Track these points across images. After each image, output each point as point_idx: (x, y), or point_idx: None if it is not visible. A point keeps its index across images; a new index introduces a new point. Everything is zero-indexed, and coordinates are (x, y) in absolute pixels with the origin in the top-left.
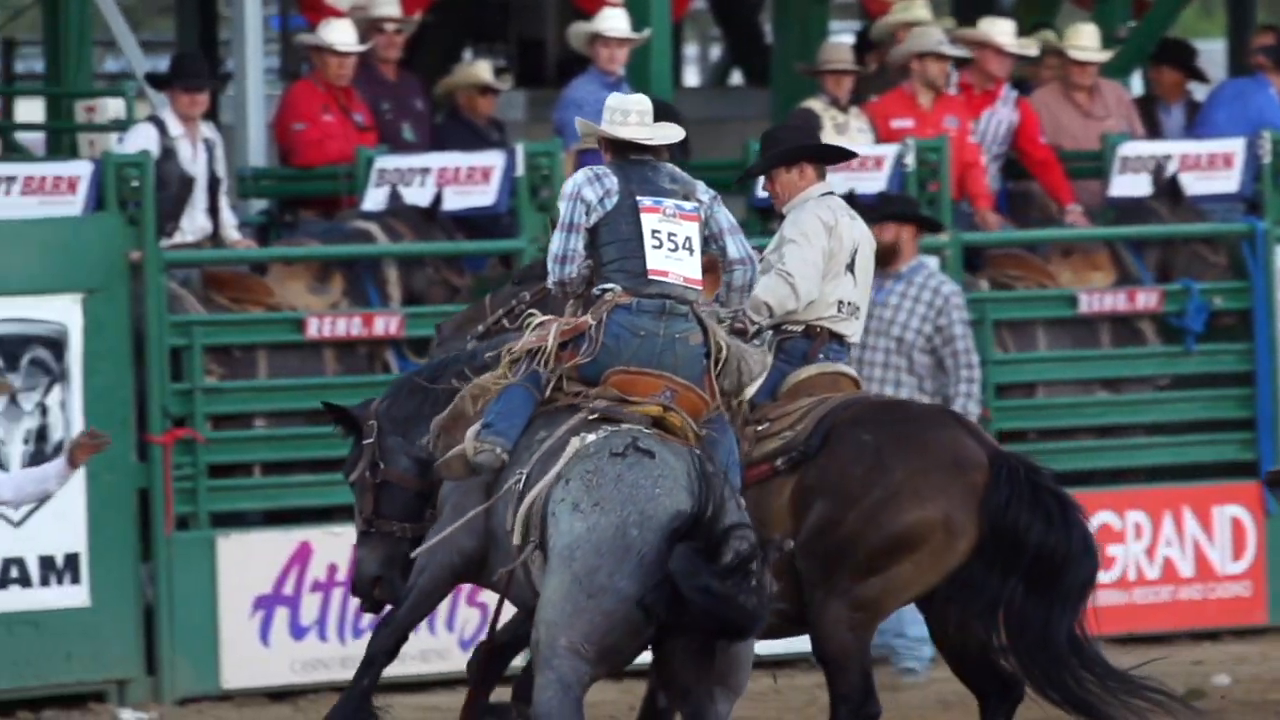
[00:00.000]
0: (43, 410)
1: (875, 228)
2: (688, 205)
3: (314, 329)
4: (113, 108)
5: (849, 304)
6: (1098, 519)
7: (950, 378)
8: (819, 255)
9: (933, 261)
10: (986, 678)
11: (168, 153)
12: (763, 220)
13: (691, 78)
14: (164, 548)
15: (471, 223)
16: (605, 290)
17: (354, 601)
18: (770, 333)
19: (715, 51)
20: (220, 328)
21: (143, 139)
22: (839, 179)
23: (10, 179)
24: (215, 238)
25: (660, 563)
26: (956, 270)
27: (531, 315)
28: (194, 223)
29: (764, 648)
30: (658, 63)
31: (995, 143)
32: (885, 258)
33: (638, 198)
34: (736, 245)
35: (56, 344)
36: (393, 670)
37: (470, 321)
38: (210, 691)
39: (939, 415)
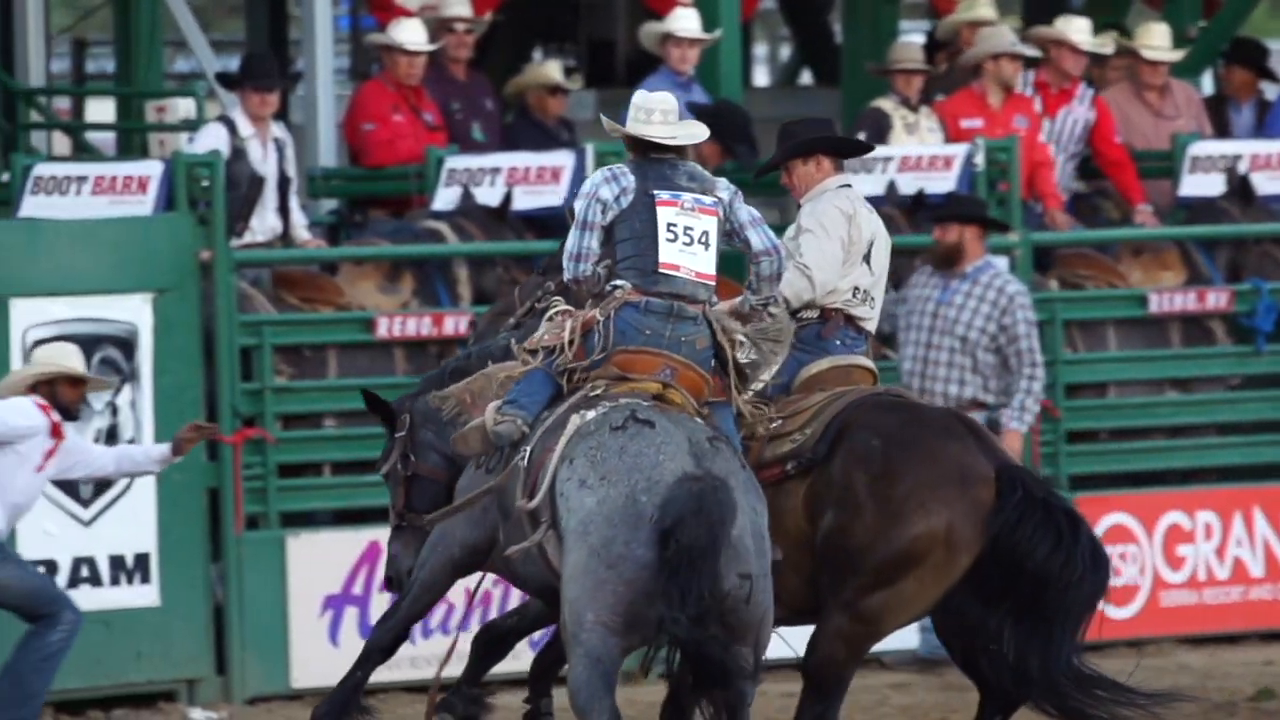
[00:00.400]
0: (113, 410)
1: (939, 228)
2: (707, 200)
3: (384, 329)
4: (183, 108)
5: (864, 291)
6: (1168, 519)
7: (1014, 376)
8: (837, 245)
9: (1001, 262)
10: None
11: (238, 153)
12: None
13: (761, 78)
14: (234, 547)
15: (541, 222)
16: (616, 287)
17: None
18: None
19: (785, 51)
20: (290, 327)
21: (213, 139)
22: (908, 179)
23: (81, 179)
24: (285, 237)
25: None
26: (1026, 270)
27: (556, 301)
28: (264, 222)
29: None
30: (727, 62)
31: (1072, 141)
32: (950, 258)
33: (654, 192)
34: (760, 237)
35: (127, 343)
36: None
37: (502, 315)
38: (280, 691)
39: (949, 422)
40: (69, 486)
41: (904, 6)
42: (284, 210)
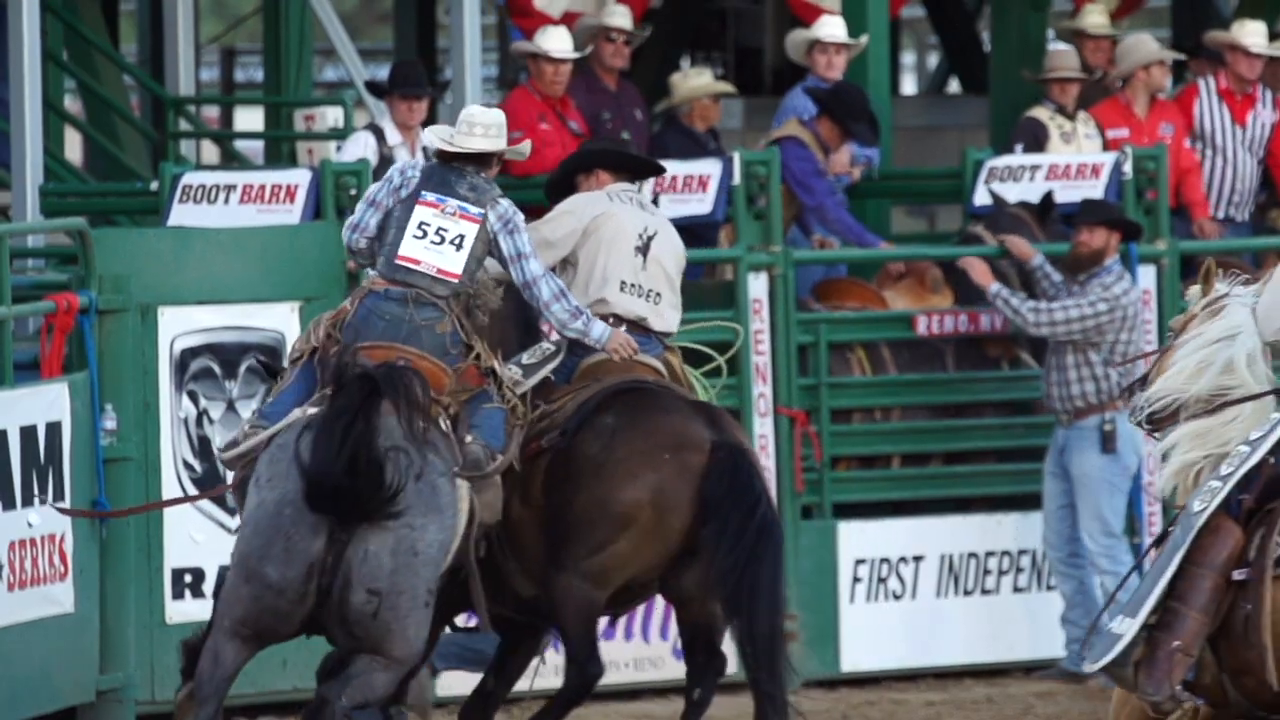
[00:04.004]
0: None
1: (1086, 232)
2: (473, 209)
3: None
4: (331, 116)
5: (635, 285)
6: None
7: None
8: (552, 230)
9: (1147, 271)
10: (700, 645)
11: (386, 161)
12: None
13: (909, 85)
14: None
15: (689, 229)
16: (367, 276)
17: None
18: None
19: (933, 59)
20: None
21: (361, 147)
22: (1058, 186)
23: (229, 187)
24: None
25: (306, 545)
26: (1174, 279)
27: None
28: None
29: (977, 657)
30: (875, 70)
31: (1260, 146)
32: (1094, 262)
33: (423, 192)
34: (518, 273)
35: (274, 352)
36: (608, 678)
37: None
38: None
39: (686, 404)
40: (218, 496)
41: (1053, 14)
42: None
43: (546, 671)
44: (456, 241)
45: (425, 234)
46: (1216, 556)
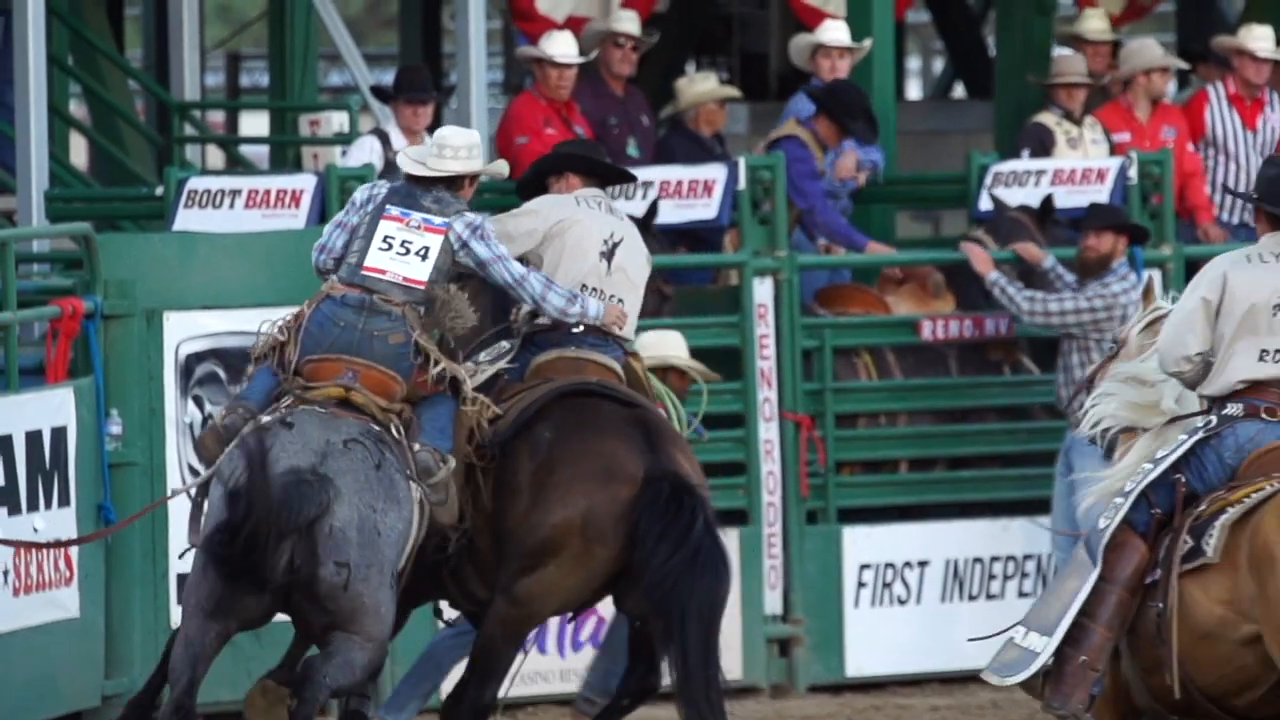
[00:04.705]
0: None
1: (1094, 236)
2: (437, 220)
3: None
4: (337, 121)
5: (597, 290)
6: None
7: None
8: (516, 226)
9: (1154, 275)
10: (643, 656)
11: (391, 166)
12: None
13: (914, 90)
14: None
15: (693, 234)
16: (328, 282)
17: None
18: (524, 326)
19: (938, 64)
20: None
21: (366, 152)
22: (1063, 191)
23: (234, 192)
24: None
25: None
26: (1179, 284)
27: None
28: None
29: (983, 662)
30: (880, 75)
31: (1270, 149)
32: (1102, 266)
33: (388, 207)
34: (501, 273)
35: None
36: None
37: None
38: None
39: (625, 421)
40: None
41: (1057, 18)
42: None
43: (527, 674)
44: (421, 253)
45: (390, 246)
46: (1122, 572)
